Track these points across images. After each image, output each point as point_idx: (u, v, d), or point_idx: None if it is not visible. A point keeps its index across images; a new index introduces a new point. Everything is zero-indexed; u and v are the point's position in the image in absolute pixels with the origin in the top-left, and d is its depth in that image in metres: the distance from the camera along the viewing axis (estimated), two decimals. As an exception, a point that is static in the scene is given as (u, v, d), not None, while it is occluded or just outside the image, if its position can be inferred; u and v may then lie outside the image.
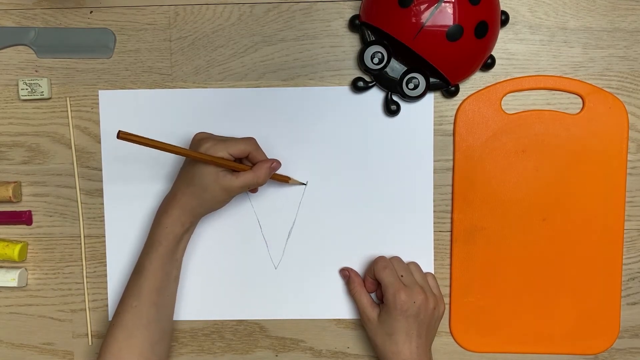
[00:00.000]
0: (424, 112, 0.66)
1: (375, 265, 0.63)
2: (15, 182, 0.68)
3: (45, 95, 0.66)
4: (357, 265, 0.68)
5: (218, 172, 0.59)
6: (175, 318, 0.68)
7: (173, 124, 0.67)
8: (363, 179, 0.67)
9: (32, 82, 0.66)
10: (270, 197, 0.67)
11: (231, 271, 0.68)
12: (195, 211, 0.61)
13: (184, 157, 0.63)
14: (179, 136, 0.66)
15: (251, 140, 0.61)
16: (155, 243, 0.61)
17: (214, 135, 0.62)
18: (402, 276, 0.63)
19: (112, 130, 0.67)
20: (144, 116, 0.67)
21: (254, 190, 0.66)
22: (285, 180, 0.66)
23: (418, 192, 0.67)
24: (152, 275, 0.61)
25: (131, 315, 0.60)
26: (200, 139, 0.61)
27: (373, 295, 0.66)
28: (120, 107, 0.67)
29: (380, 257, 0.65)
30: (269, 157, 0.62)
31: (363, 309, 0.64)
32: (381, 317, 0.62)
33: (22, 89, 0.66)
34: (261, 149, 0.62)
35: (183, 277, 0.68)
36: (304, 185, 0.67)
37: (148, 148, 0.55)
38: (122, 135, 0.53)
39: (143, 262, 0.61)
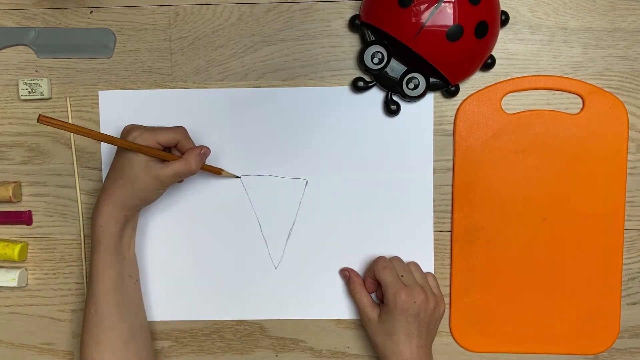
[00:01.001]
0: (424, 112, 0.66)
1: (375, 266, 0.63)
2: (15, 182, 0.68)
3: (45, 95, 0.66)
4: (357, 265, 0.68)
5: (148, 162, 0.58)
6: (174, 318, 0.69)
7: (173, 124, 0.66)
8: (363, 179, 0.67)
9: (32, 82, 0.66)
10: (270, 196, 0.67)
11: (231, 271, 0.68)
12: (127, 204, 0.60)
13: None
14: (179, 136, 0.66)
15: (180, 129, 0.60)
16: (96, 244, 0.60)
17: (142, 126, 0.60)
18: (402, 276, 0.63)
19: (112, 131, 0.67)
20: (144, 116, 0.67)
21: (180, 180, 0.63)
22: (217, 172, 0.65)
23: (418, 192, 0.67)
24: (102, 277, 0.60)
25: (94, 320, 0.60)
26: (129, 129, 0.59)
27: (373, 295, 0.66)
28: (120, 107, 0.67)
29: (380, 257, 0.65)
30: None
31: (363, 309, 0.64)
32: (381, 317, 0.62)
33: (22, 89, 0.66)
34: (190, 139, 0.61)
35: (183, 277, 0.68)
36: (239, 179, 0.66)
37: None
38: (42, 119, 0.50)
39: (91, 266, 0.61)
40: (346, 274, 0.67)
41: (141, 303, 0.65)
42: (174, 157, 0.60)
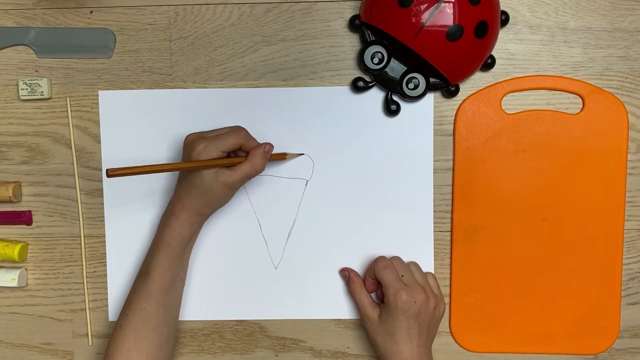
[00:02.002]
0: (423, 112, 0.66)
1: (376, 266, 0.63)
2: (15, 182, 0.68)
3: (45, 95, 0.66)
4: (357, 265, 0.68)
5: (216, 171, 0.59)
6: (175, 318, 0.69)
7: (173, 124, 0.67)
8: (363, 178, 0.67)
9: (32, 82, 0.66)
10: (270, 196, 0.67)
11: (231, 271, 0.68)
12: (202, 211, 0.62)
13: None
14: (179, 136, 0.66)
15: (241, 132, 0.61)
16: (163, 245, 0.61)
17: (204, 134, 0.62)
18: (402, 276, 0.63)
19: (112, 131, 0.67)
20: (144, 116, 0.67)
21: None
22: (282, 157, 0.66)
23: (418, 192, 0.67)
24: (160, 277, 0.61)
25: (139, 317, 0.61)
26: (192, 140, 0.61)
27: (373, 295, 0.66)
28: (120, 108, 0.67)
29: (380, 257, 0.65)
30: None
31: (364, 309, 0.64)
32: (382, 317, 0.62)
33: (22, 89, 0.66)
34: (252, 137, 0.62)
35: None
36: (302, 155, 0.67)
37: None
38: (111, 173, 0.54)
39: (150, 264, 0.61)
40: (346, 274, 0.67)
41: (180, 307, 0.65)
42: (239, 160, 0.61)
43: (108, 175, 0.54)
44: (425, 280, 0.64)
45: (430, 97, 0.66)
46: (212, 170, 0.59)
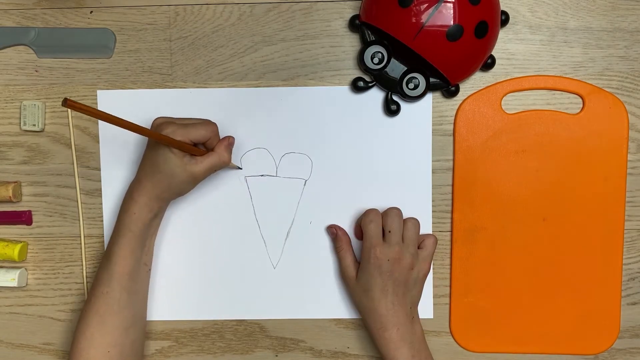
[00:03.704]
0: (423, 112, 0.66)
1: (364, 217, 0.63)
2: (15, 182, 0.68)
3: (37, 128, 0.67)
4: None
5: (183, 158, 0.59)
6: (174, 318, 0.69)
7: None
8: (362, 178, 0.67)
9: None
10: (269, 196, 0.67)
11: (230, 271, 0.68)
12: (163, 196, 0.62)
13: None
14: (179, 136, 0.66)
15: (211, 126, 0.61)
16: (124, 229, 0.61)
17: (173, 120, 0.61)
18: (389, 232, 0.62)
19: (111, 131, 0.67)
20: (144, 116, 0.67)
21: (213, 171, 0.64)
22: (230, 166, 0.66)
23: (417, 192, 0.67)
24: (122, 261, 0.61)
25: (103, 301, 0.61)
26: (160, 123, 0.60)
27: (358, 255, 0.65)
28: (119, 107, 0.67)
29: (372, 209, 0.64)
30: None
31: (345, 267, 0.64)
32: (359, 274, 0.63)
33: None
34: (219, 135, 0.63)
35: (183, 277, 0.68)
36: (240, 169, 0.67)
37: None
38: (69, 103, 0.48)
39: (112, 249, 0.61)
40: (334, 232, 0.66)
41: (147, 292, 0.65)
42: (204, 151, 0.61)
43: (65, 104, 0.48)
44: (414, 240, 0.62)
45: (429, 98, 0.66)
46: (179, 156, 0.59)
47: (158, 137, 0.58)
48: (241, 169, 0.67)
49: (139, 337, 0.64)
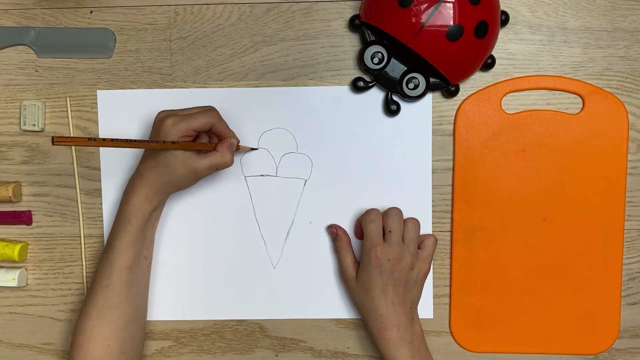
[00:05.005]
0: (423, 112, 0.66)
1: (365, 217, 0.63)
2: (15, 182, 0.68)
3: (37, 128, 0.67)
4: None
5: (184, 154, 0.59)
6: (174, 318, 0.69)
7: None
8: (362, 178, 0.67)
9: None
10: (269, 196, 0.67)
11: (230, 271, 0.68)
12: (163, 190, 0.62)
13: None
14: (179, 136, 0.66)
15: (213, 112, 0.61)
16: (124, 222, 0.61)
17: (175, 112, 0.61)
18: (389, 232, 0.62)
19: (111, 131, 0.67)
20: (144, 116, 0.67)
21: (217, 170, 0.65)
22: (245, 149, 0.66)
23: (417, 192, 0.67)
24: (122, 254, 0.61)
25: (102, 294, 0.61)
26: (162, 117, 0.60)
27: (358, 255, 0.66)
28: (119, 107, 0.67)
29: (372, 209, 0.64)
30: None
31: (345, 267, 0.64)
32: (359, 274, 0.63)
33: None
34: (223, 119, 0.62)
35: (183, 277, 0.68)
36: (256, 150, 0.67)
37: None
38: (57, 140, 0.50)
39: (112, 242, 0.62)
40: (334, 231, 0.66)
41: (147, 288, 0.65)
42: (209, 146, 0.61)
43: (53, 142, 0.50)
44: (414, 240, 0.63)
45: (429, 97, 0.66)
46: (181, 152, 0.59)
47: (160, 147, 0.58)
48: (257, 149, 0.66)
49: (139, 333, 0.64)
